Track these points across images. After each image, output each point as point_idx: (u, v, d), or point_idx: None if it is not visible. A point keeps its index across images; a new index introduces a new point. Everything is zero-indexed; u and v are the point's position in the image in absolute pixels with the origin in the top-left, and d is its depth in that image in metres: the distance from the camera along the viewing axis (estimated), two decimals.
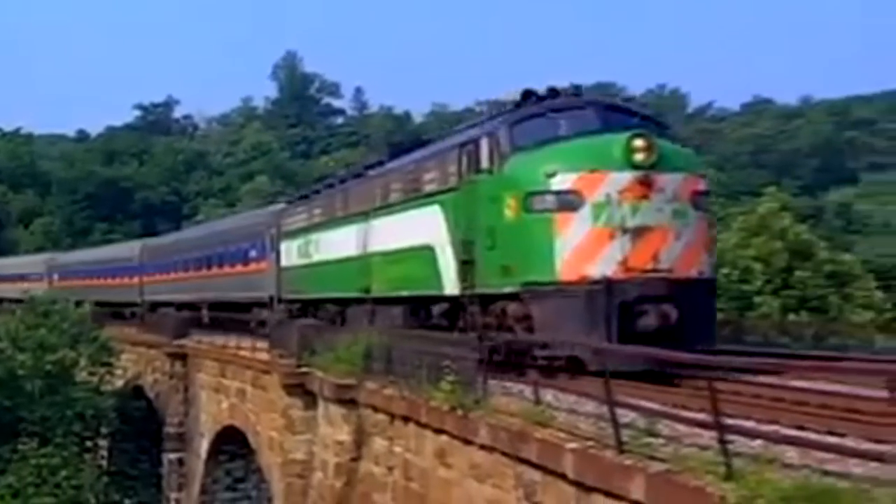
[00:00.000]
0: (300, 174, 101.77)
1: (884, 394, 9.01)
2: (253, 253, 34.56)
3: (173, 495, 35.42)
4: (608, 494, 9.76)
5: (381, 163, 24.42)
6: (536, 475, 11.40)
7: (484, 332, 16.34)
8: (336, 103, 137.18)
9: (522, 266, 15.90)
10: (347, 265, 24.39)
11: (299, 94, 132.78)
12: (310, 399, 21.28)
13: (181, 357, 35.28)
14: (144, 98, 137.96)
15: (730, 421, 9.22)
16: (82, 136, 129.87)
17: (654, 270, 15.30)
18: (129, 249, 54.11)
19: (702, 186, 16.47)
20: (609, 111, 17.37)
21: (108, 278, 54.29)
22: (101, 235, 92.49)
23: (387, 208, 22.19)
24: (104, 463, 40.15)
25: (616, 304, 14.86)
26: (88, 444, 39.18)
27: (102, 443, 40.42)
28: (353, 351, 19.09)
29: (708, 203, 16.98)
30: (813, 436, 9.59)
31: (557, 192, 15.55)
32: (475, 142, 17.81)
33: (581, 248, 15.36)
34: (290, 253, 30.26)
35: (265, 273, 32.95)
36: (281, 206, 34.77)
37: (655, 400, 12.13)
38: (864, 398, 10.98)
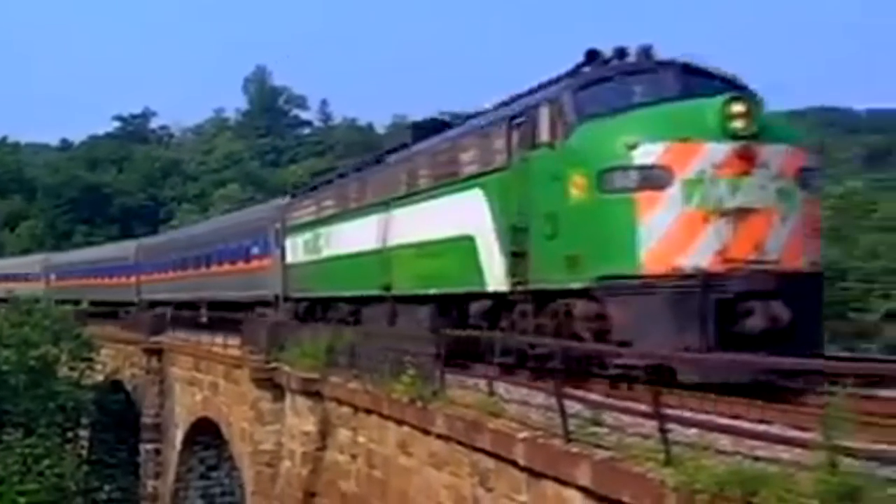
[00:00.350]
0: (270, 181, 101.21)
1: None
2: (255, 249, 31.49)
3: (150, 483, 35.05)
4: (556, 480, 9.76)
5: (404, 146, 20.55)
6: (490, 462, 11.38)
7: (537, 334, 13.78)
8: (303, 115, 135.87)
9: (595, 256, 12.60)
10: (363, 260, 21.02)
11: (268, 106, 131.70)
12: (278, 392, 21.10)
13: (157, 352, 34.88)
14: (124, 109, 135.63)
15: (669, 411, 9.24)
16: (65, 144, 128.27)
17: (759, 262, 12.07)
18: (125, 249, 50.89)
19: (809, 162, 12.99)
20: (688, 74, 13.72)
21: (104, 278, 51.29)
22: (83, 237, 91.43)
23: (413, 196, 18.69)
24: (85, 452, 39.69)
25: (714, 301, 11.71)
26: (70, 434, 38.83)
27: (83, 433, 40.00)
28: (317, 346, 18.96)
29: (816, 182, 13.35)
30: (746, 424, 9.62)
31: (641, 168, 12.24)
32: (530, 112, 14.37)
33: (670, 235, 12.08)
34: (297, 248, 26.69)
35: (269, 270, 29.89)
36: (286, 199, 31.13)
37: (601, 392, 12.16)
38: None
